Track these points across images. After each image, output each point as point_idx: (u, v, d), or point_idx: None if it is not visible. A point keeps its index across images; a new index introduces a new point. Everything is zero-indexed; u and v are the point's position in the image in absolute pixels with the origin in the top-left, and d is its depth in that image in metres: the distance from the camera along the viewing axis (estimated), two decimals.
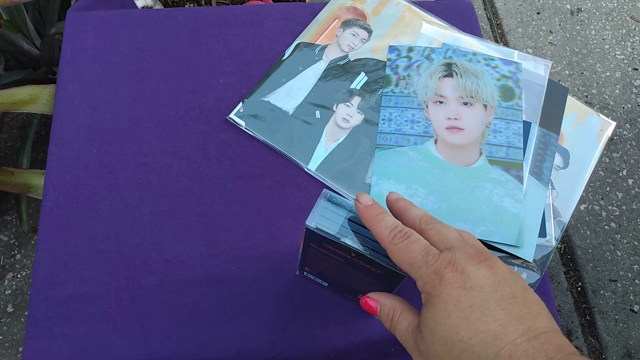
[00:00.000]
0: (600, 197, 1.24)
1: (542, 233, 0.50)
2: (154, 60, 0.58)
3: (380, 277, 0.37)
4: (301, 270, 0.46)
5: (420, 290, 0.31)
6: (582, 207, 1.23)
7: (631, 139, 1.31)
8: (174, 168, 0.53)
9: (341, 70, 0.58)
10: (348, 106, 0.56)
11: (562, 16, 1.47)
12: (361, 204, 0.34)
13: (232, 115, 0.55)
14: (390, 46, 0.59)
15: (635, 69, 1.39)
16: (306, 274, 0.46)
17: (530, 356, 0.26)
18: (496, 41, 1.44)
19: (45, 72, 1.02)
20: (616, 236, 1.20)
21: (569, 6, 1.48)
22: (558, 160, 0.55)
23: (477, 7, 1.49)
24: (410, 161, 0.53)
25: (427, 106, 0.55)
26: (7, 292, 1.06)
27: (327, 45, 0.60)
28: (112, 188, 0.51)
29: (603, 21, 1.47)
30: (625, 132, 1.32)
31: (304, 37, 0.60)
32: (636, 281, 1.15)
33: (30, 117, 1.13)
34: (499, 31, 1.45)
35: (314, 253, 0.39)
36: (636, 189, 1.25)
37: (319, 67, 0.58)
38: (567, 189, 0.53)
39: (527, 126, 0.55)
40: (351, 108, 0.56)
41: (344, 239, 0.35)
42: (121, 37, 0.59)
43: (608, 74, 1.39)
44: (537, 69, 0.58)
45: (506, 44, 1.42)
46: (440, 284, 0.29)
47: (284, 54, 0.59)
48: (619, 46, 1.43)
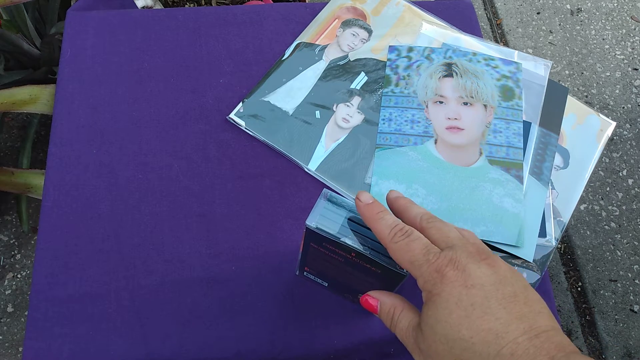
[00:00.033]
0: (600, 197, 1.24)
1: (542, 233, 0.50)
2: (154, 60, 0.58)
3: (381, 277, 0.37)
4: (301, 270, 0.46)
5: (421, 289, 0.30)
6: (582, 207, 1.23)
7: (631, 139, 1.31)
8: (174, 168, 0.53)
9: (341, 70, 0.58)
10: (348, 106, 0.56)
11: (562, 16, 1.47)
12: (361, 202, 0.34)
13: (232, 115, 0.55)
14: (390, 46, 0.59)
15: (635, 69, 1.39)
16: (306, 274, 0.46)
17: (532, 355, 0.26)
18: (496, 41, 1.44)
19: (45, 72, 1.02)
20: (616, 236, 1.20)
21: (569, 6, 1.49)
22: (558, 160, 0.55)
23: (477, 7, 1.49)
24: (410, 161, 0.53)
25: (427, 106, 0.55)
26: (7, 292, 1.06)
27: (327, 45, 0.60)
28: (112, 188, 0.51)
29: (603, 21, 1.47)
30: (625, 132, 1.32)
31: (304, 37, 0.60)
32: (636, 281, 1.15)
33: (30, 117, 1.13)
34: (499, 31, 1.45)
35: (314, 253, 0.39)
36: (636, 189, 1.25)
37: (319, 67, 0.58)
38: (567, 189, 0.53)
39: (527, 126, 0.55)
40: (351, 108, 0.56)
41: (344, 239, 0.35)
42: (121, 37, 0.59)
43: (608, 74, 1.39)
44: (537, 69, 0.58)
45: (506, 44, 1.42)
46: (441, 283, 0.29)
47: (284, 54, 0.59)
48: (619, 46, 1.43)
